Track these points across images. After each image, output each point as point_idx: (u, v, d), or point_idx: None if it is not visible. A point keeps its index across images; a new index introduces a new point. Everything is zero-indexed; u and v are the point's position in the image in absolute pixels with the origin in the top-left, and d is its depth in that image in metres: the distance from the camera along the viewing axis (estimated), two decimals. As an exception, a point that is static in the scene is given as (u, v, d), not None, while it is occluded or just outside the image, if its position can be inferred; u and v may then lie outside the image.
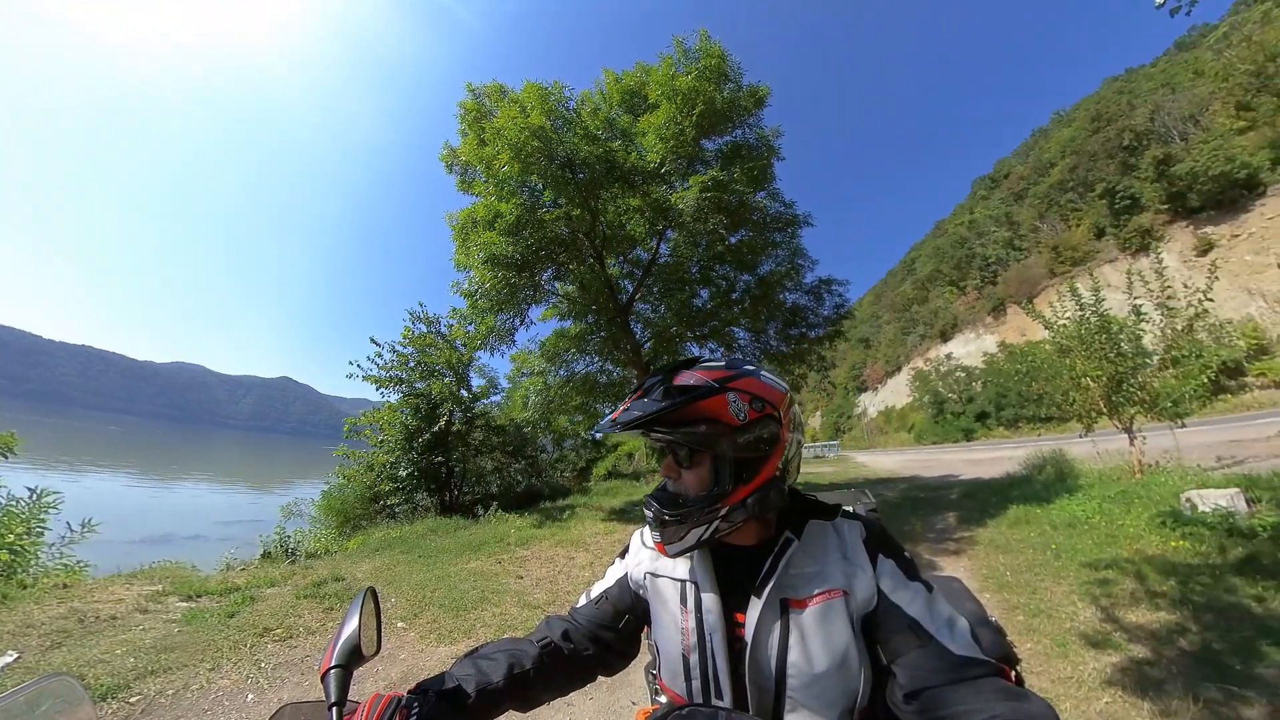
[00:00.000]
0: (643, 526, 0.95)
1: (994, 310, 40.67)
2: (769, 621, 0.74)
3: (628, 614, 0.91)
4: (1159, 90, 34.89)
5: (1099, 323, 6.95)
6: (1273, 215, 25.82)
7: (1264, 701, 2.19)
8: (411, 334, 12.17)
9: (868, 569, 0.76)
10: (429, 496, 11.39)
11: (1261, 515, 4.02)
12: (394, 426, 10.92)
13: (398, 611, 4.08)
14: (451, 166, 10.08)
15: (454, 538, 7.15)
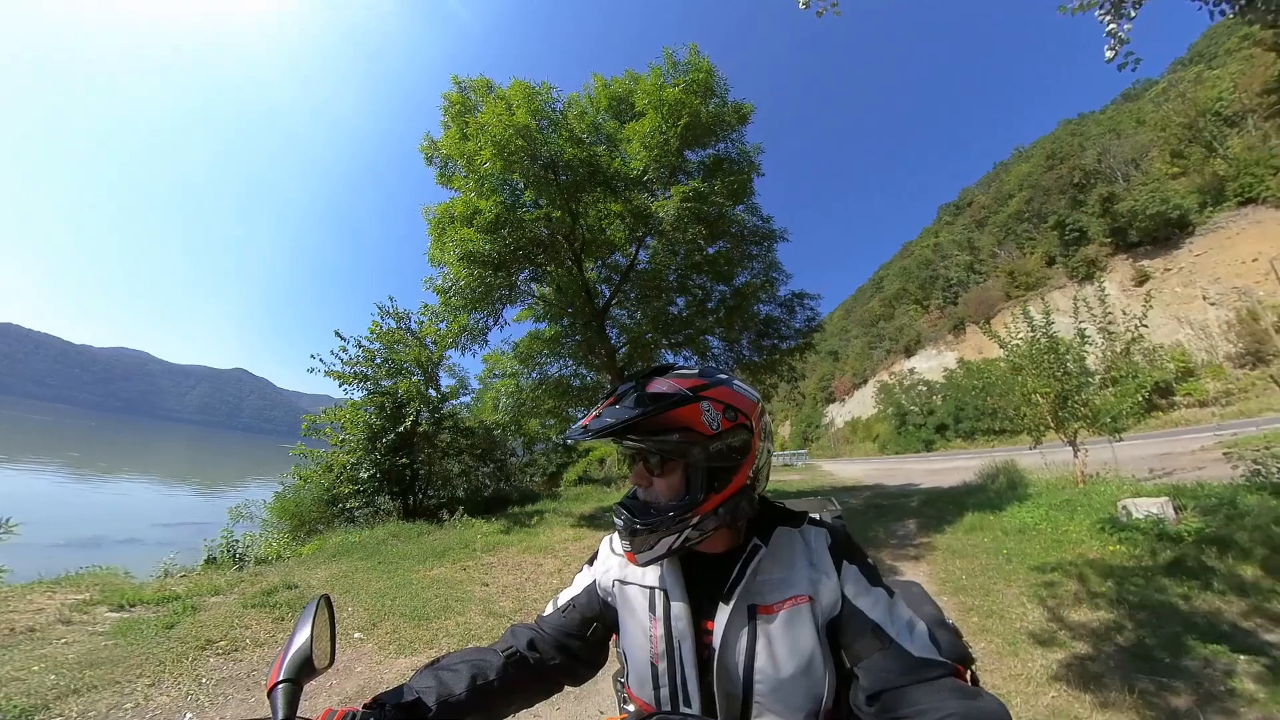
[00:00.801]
0: (612, 533, 0.93)
1: (954, 329, 42.68)
2: (737, 627, 0.74)
3: (595, 622, 0.89)
4: (1107, 135, 37.79)
5: (1048, 344, 7.42)
6: (1200, 253, 28.24)
7: (1190, 691, 2.40)
8: (379, 329, 11.65)
9: (833, 575, 0.77)
10: (391, 500, 10.94)
11: (1187, 521, 4.39)
12: (357, 425, 10.41)
13: (355, 621, 3.89)
14: (431, 159, 9.85)
15: (417, 543, 6.90)
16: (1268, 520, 3.87)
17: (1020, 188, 44.27)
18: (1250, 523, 3.94)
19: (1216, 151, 30.04)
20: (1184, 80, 35.64)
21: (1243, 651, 2.62)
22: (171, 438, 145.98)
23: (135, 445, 67.10)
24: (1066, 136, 42.62)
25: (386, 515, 10.48)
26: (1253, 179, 27.18)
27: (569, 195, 7.65)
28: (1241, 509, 4.27)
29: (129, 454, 48.87)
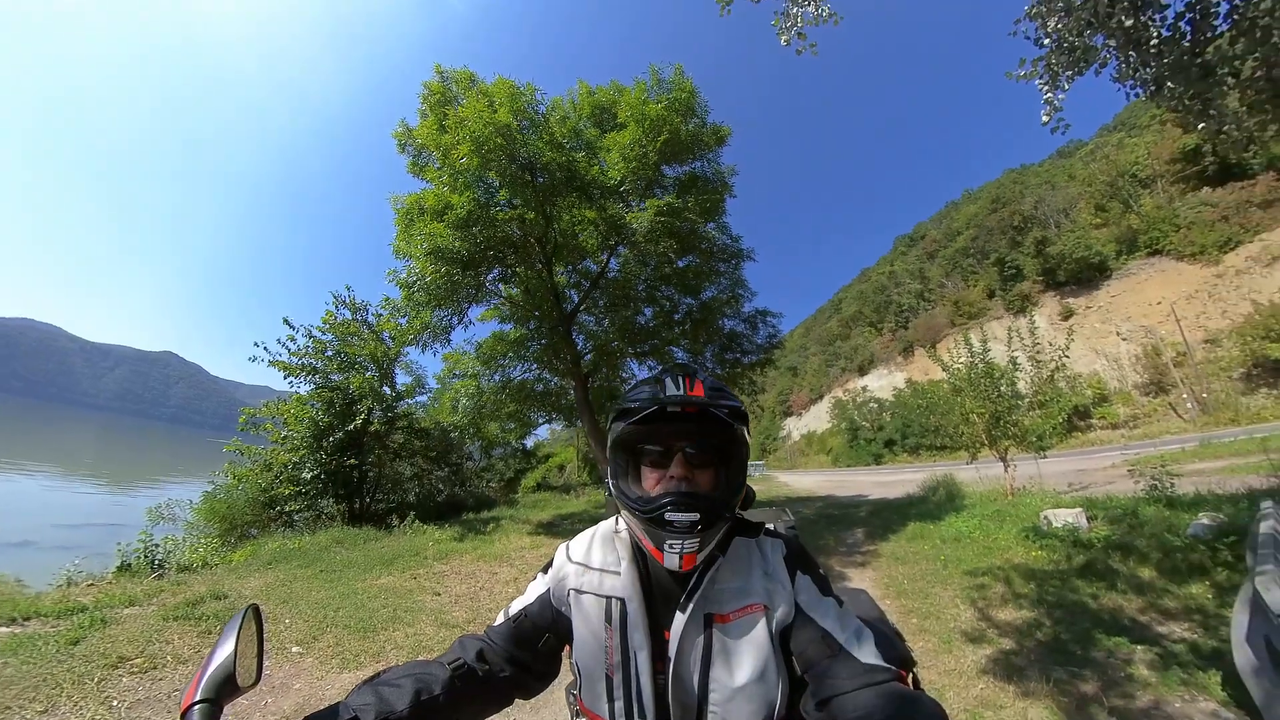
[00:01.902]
0: (568, 541, 0.92)
1: (904, 351, 45.24)
2: (693, 636, 0.74)
3: (548, 633, 0.86)
4: (1043, 185, 41.77)
5: (985, 369, 8.06)
6: (1115, 294, 31.52)
7: (1096, 679, 2.68)
8: (333, 319, 11.09)
9: (787, 585, 0.78)
10: (336, 503, 10.27)
11: (1097, 530, 4.87)
12: (302, 422, 9.75)
13: (293, 634, 3.63)
14: (404, 146, 9.52)
15: (363, 550, 6.55)
16: (1161, 529, 4.36)
17: (968, 226, 47.99)
18: (1148, 530, 4.43)
19: (1132, 208, 33.89)
20: (1108, 144, 40.22)
21: (1140, 643, 2.93)
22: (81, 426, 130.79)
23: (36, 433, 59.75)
24: (1009, 184, 46.72)
25: (329, 520, 9.85)
26: (1159, 233, 30.79)
27: (544, 198, 7.60)
28: (1141, 519, 4.79)
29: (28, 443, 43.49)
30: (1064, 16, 2.88)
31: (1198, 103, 2.95)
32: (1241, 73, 2.80)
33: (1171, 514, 4.79)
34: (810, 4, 3.78)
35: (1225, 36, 2.76)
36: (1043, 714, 2.45)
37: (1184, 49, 2.82)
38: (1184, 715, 2.31)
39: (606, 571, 0.84)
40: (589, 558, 0.87)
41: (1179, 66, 2.85)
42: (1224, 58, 2.80)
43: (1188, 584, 3.54)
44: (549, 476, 25.19)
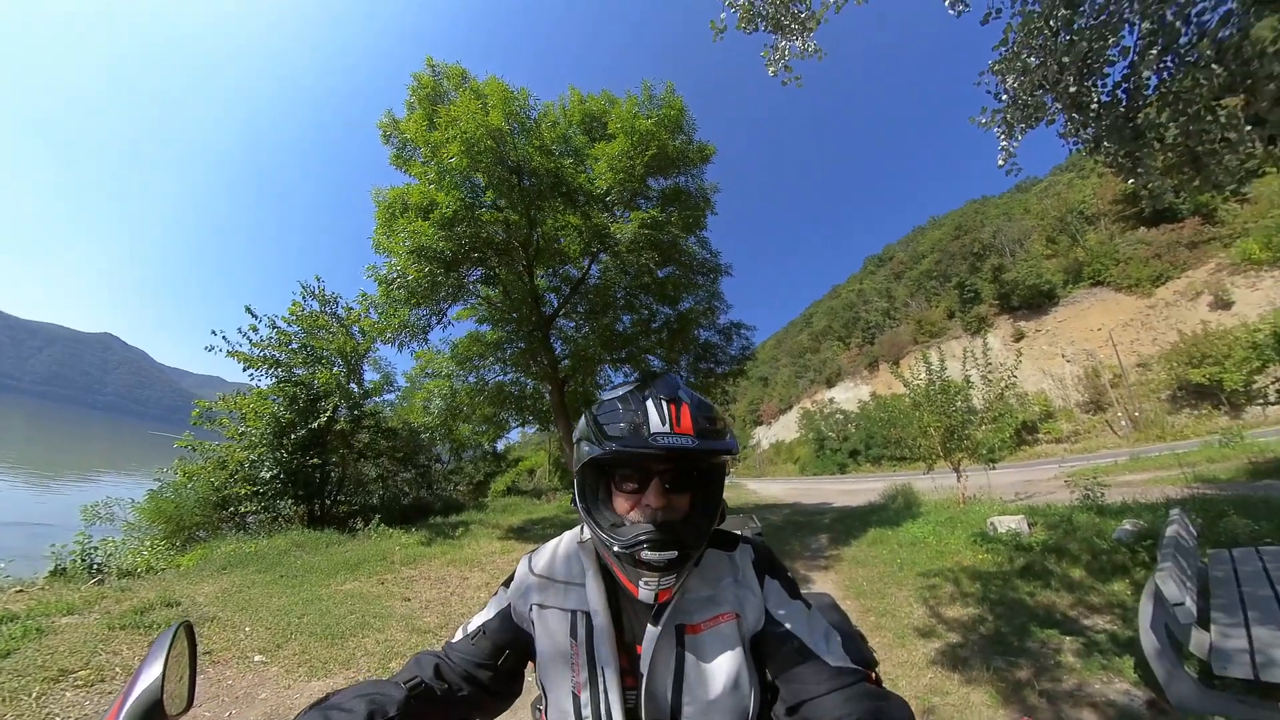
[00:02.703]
0: (530, 553, 0.88)
1: (870, 365, 47.01)
2: (665, 649, 0.72)
3: (508, 649, 0.82)
4: (1001, 217, 44.67)
5: (941, 386, 8.58)
6: (1062, 320, 33.87)
7: (1030, 666, 2.99)
8: (301, 310, 10.58)
9: (757, 591, 0.78)
10: (295, 505, 9.82)
11: (1036, 535, 5.30)
12: (261, 417, 9.29)
13: (254, 642, 3.50)
14: (389, 137, 9.32)
15: (326, 555, 6.32)
16: (1091, 533, 4.81)
17: (932, 250, 50.62)
18: (1080, 535, 4.86)
19: (1078, 242, 36.69)
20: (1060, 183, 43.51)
21: (1068, 634, 3.25)
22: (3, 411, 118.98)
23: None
24: (971, 213, 49.69)
25: (287, 522, 9.43)
26: (1101, 266, 33.43)
27: (530, 201, 7.62)
28: (1075, 525, 5.24)
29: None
30: (1020, 76, 3.21)
31: (1129, 160, 3.33)
32: (1165, 138, 3.18)
33: (1101, 520, 5.26)
34: (798, 39, 4.05)
35: (1154, 106, 3.15)
36: (983, 698, 2.71)
37: (1120, 114, 3.19)
38: (1102, 695, 2.59)
39: (571, 584, 0.80)
40: (552, 570, 0.83)
41: (1115, 128, 3.22)
42: (1152, 124, 3.18)
43: (1111, 582, 3.92)
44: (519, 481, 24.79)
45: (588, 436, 0.72)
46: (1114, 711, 2.42)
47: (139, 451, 29.29)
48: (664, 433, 0.67)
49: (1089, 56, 3.02)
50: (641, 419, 0.69)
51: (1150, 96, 3.14)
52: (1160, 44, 2.90)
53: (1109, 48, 3.05)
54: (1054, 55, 3.03)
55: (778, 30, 3.99)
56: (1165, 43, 2.88)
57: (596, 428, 0.71)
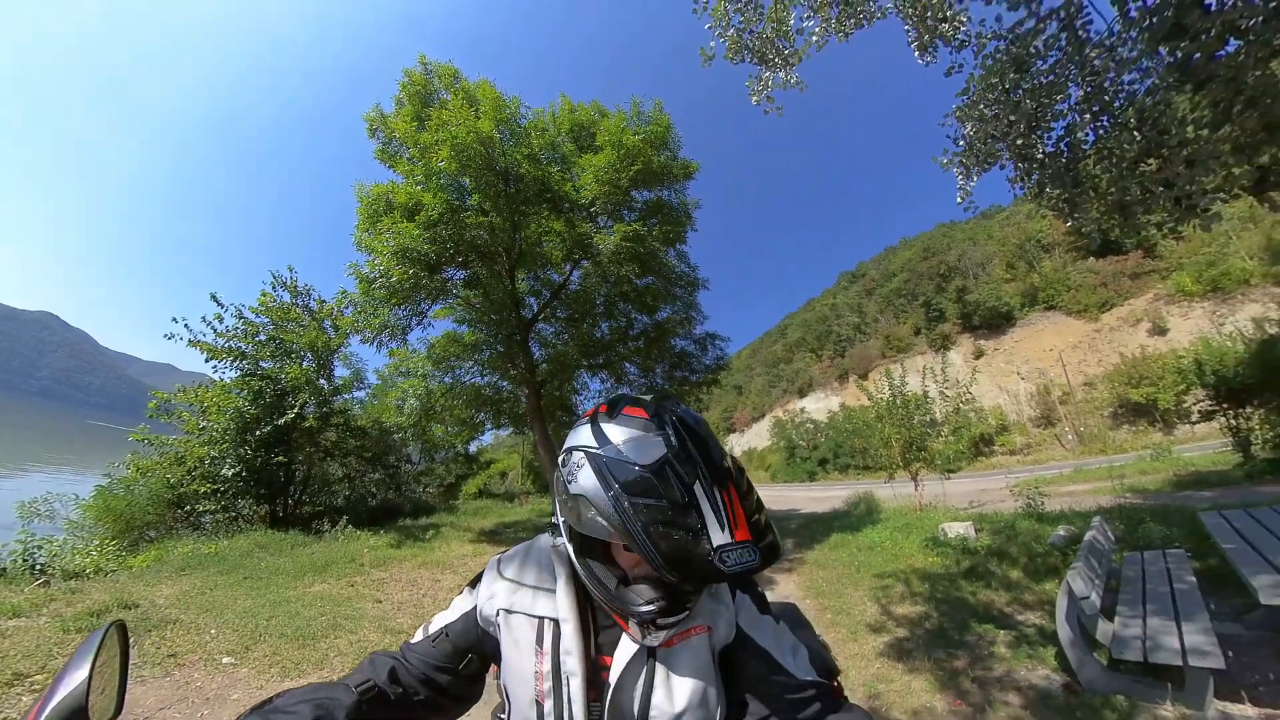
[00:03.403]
0: (499, 555, 0.87)
1: (840, 377, 48.47)
2: (636, 663, 0.71)
3: (470, 653, 0.80)
4: (967, 241, 47.11)
5: (901, 400, 9.08)
6: (1018, 340, 35.92)
7: (967, 656, 3.29)
8: (271, 301, 10.20)
9: (729, 604, 0.77)
10: (256, 504, 9.46)
11: (982, 540, 5.72)
12: (225, 412, 8.89)
13: (221, 644, 3.46)
14: (375, 131, 9.14)
15: (291, 556, 6.19)
16: (1030, 538, 5.25)
17: (902, 269, 52.83)
18: (1020, 540, 5.30)
19: (1034, 268, 39.09)
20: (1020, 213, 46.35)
21: (1002, 628, 3.58)
22: None
23: None
24: (940, 236, 52.13)
25: (248, 522, 9.09)
26: (1054, 292, 35.84)
27: (515, 207, 7.68)
28: (1017, 531, 5.70)
29: None
30: (978, 125, 3.55)
31: (1068, 205, 3.73)
32: (1099, 188, 3.58)
33: (1039, 527, 5.73)
34: (781, 71, 4.33)
35: (1090, 159, 3.54)
36: (923, 684, 2.98)
37: (1061, 164, 3.57)
38: (1026, 680, 2.90)
39: (541, 589, 0.78)
40: (522, 574, 0.81)
41: (1056, 176, 3.61)
42: (1088, 175, 3.58)
43: (1044, 582, 4.29)
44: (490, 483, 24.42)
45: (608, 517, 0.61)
46: (1035, 694, 2.71)
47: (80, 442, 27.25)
48: (729, 546, 0.58)
49: (1036, 113, 3.39)
50: (696, 522, 0.59)
51: (1088, 151, 3.53)
52: (1096, 106, 3.28)
53: (1054, 105, 3.42)
54: (1006, 109, 3.38)
55: (762, 63, 4.26)
56: (1100, 106, 3.27)
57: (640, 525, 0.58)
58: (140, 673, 2.96)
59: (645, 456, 0.63)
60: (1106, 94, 3.18)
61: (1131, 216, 3.42)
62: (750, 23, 4.09)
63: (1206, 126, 2.69)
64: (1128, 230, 3.63)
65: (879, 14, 3.91)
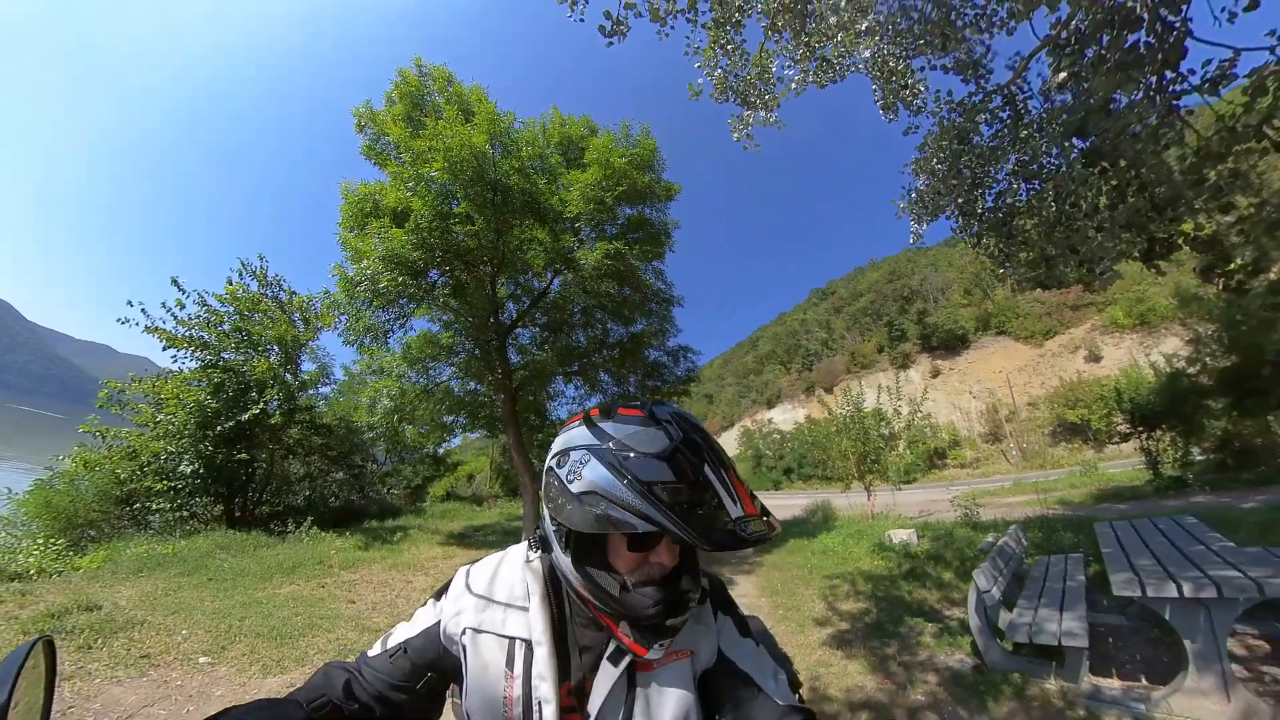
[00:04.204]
0: (468, 566, 0.81)
1: (807, 390, 50.05)
2: (619, 692, 0.68)
3: (430, 672, 0.75)
4: (929, 267, 49.85)
5: (859, 417, 9.70)
6: (971, 361, 38.23)
7: (898, 645, 3.68)
8: (238, 290, 9.83)
9: (712, 626, 0.76)
10: (214, 503, 9.13)
11: (922, 545, 6.28)
12: (184, 405, 8.49)
13: (195, 645, 3.47)
14: (363, 127, 9.02)
15: (255, 558, 6.11)
16: (964, 544, 5.85)
17: (869, 290, 55.27)
18: (955, 546, 5.89)
19: (989, 296, 41.75)
20: None
21: (931, 621, 4.03)
22: None
23: None
24: (905, 260, 54.81)
25: (203, 522, 8.77)
26: (1005, 318, 38.48)
27: (501, 216, 7.78)
28: (954, 538, 6.29)
29: None
30: (929, 179, 4.04)
31: (1002, 255, 4.29)
32: (1029, 242, 4.12)
33: (974, 534, 6.34)
34: (762, 111, 4.73)
35: (1022, 216, 4.08)
36: (857, 668, 3.40)
37: (998, 219, 4.11)
38: (944, 663, 3.34)
39: (513, 607, 0.73)
40: (492, 590, 0.76)
41: (994, 228, 4.14)
42: (1020, 229, 4.13)
43: (971, 582, 4.77)
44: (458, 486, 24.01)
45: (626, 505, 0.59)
46: (950, 674, 3.16)
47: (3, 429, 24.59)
48: (744, 518, 0.61)
49: (977, 175, 3.91)
50: (714, 500, 0.61)
51: (1020, 207, 4.07)
52: (1027, 175, 3.83)
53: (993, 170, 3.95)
54: (952, 171, 3.88)
55: (745, 104, 4.65)
56: (1027, 175, 3.82)
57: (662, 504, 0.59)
58: (115, 674, 2.96)
59: (653, 446, 0.63)
60: (1035, 164, 3.73)
61: (1054, 268, 3.98)
62: (736, 66, 4.47)
63: (1109, 204, 3.24)
64: (1050, 280, 4.20)
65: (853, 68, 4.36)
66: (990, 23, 3.39)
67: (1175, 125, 2.81)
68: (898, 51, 3.73)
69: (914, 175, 4.25)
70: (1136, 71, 2.54)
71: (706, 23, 3.82)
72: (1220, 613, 2.38)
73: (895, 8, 3.57)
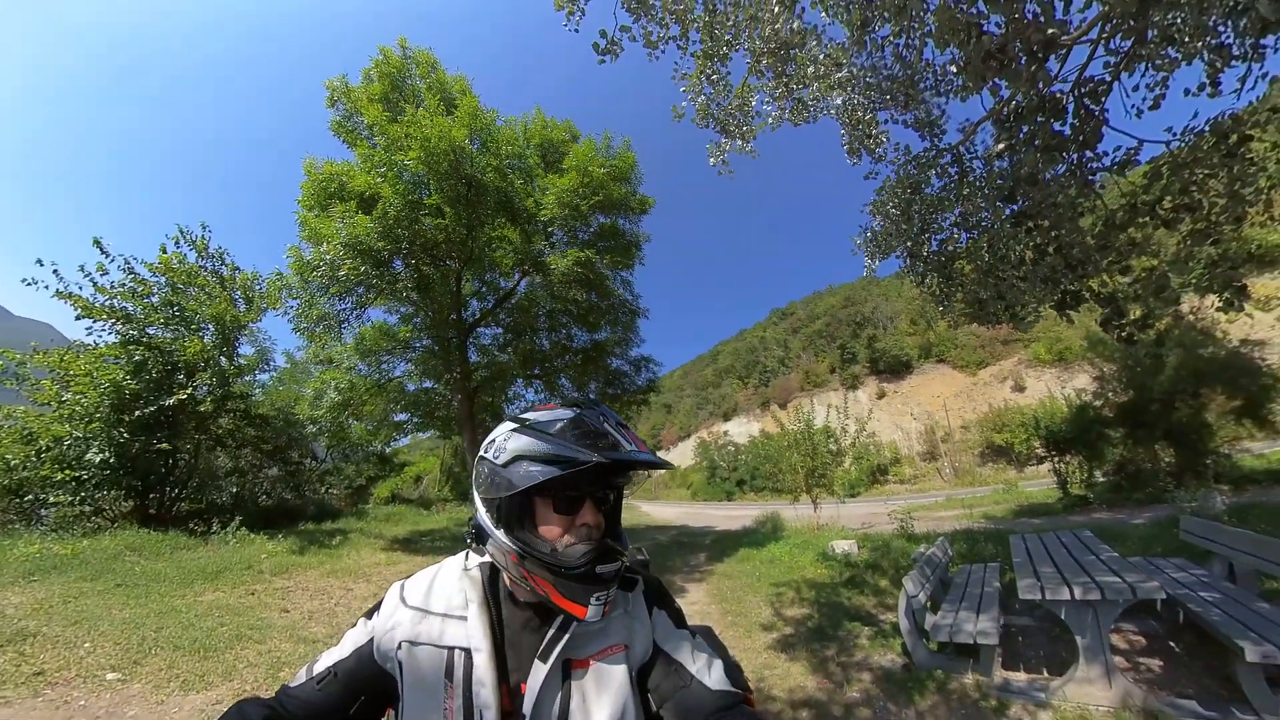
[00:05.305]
0: (401, 581, 0.80)
1: (762, 405, 51.73)
2: (552, 689, 0.68)
3: (363, 695, 0.73)
4: (881, 296, 53.12)
5: (809, 433, 10.25)
6: (914, 385, 41.14)
7: (837, 647, 3.92)
8: (173, 260, 8.85)
9: (646, 622, 0.78)
10: (125, 498, 8.20)
11: (862, 555, 6.69)
12: (97, 385, 7.57)
13: (102, 659, 3.15)
14: (335, 102, 8.59)
15: (173, 561, 5.61)
16: (899, 554, 6.32)
17: (825, 313, 58.23)
18: (891, 556, 6.37)
19: (931, 327, 45.04)
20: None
21: (867, 625, 4.30)
22: None
23: None
24: (860, 288, 58.13)
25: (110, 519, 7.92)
26: (945, 348, 41.92)
27: (474, 212, 7.66)
28: (890, 548, 6.78)
29: None
30: (883, 221, 4.42)
31: (942, 293, 4.73)
32: (966, 285, 4.57)
33: (908, 545, 6.84)
34: (739, 140, 5.00)
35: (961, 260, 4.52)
36: (800, 669, 3.62)
37: (941, 261, 4.53)
38: (878, 663, 3.61)
39: (450, 617, 0.73)
40: (429, 601, 0.75)
41: (936, 269, 4.57)
42: (959, 272, 4.57)
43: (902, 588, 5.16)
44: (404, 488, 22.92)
45: (543, 455, 0.67)
46: (882, 672, 3.43)
47: None
48: (636, 450, 0.69)
49: (925, 222, 4.32)
50: (610, 440, 0.68)
51: (960, 253, 4.51)
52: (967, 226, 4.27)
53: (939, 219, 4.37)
54: (904, 217, 4.27)
55: (724, 132, 4.91)
56: (967, 226, 4.26)
57: (566, 441, 0.67)
58: (1, 694, 2.67)
59: (563, 416, 0.72)
60: (974, 218, 4.18)
61: (985, 308, 4.45)
62: (719, 95, 4.72)
63: (1033, 259, 3.71)
64: (982, 318, 4.68)
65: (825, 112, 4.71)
66: (947, 89, 3.82)
67: (1089, 197, 3.32)
68: (866, 103, 4.08)
69: (871, 215, 4.63)
70: (1060, 151, 2.99)
71: (696, 52, 4.02)
72: (1104, 612, 2.78)
73: (867, 65, 3.92)
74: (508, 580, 0.76)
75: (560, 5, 3.37)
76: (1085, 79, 3.04)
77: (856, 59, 3.93)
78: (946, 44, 2.44)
